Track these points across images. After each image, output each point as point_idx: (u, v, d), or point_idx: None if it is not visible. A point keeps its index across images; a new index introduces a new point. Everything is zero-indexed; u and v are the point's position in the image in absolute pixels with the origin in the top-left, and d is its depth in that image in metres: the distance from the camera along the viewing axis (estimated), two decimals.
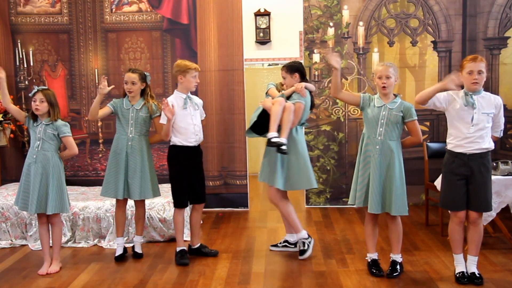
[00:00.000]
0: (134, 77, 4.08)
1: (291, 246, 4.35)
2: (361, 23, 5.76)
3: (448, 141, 3.60)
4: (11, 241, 4.68)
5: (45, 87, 3.93)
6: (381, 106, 3.65)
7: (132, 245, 4.36)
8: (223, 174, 5.88)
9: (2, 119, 5.31)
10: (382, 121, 3.64)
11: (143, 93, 4.16)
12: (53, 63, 5.81)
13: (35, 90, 3.85)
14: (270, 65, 7.94)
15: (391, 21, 5.78)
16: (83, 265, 4.11)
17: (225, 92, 5.78)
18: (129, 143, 4.10)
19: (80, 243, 4.62)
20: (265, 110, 4.09)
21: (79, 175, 5.84)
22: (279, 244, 4.41)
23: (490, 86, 5.52)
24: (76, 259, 4.27)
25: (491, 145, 3.52)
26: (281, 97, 4.06)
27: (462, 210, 3.54)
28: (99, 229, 4.65)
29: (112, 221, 4.60)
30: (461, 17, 5.72)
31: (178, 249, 4.14)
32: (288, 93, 4.12)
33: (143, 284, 3.70)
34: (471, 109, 3.47)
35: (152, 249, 4.47)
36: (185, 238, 4.67)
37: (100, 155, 5.86)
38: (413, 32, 5.77)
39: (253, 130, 4.20)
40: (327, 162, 5.90)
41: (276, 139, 3.89)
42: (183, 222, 4.18)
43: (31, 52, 5.74)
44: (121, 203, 4.21)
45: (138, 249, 4.28)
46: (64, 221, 4.58)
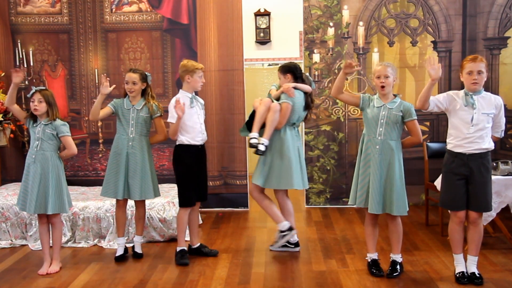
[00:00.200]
0: (135, 77, 4.08)
1: (291, 246, 4.35)
2: (361, 23, 5.76)
3: (448, 141, 3.60)
4: (11, 241, 4.68)
5: (43, 87, 3.93)
6: (381, 106, 3.66)
7: (132, 245, 4.36)
8: (223, 174, 5.89)
9: (2, 119, 5.32)
10: (382, 121, 3.64)
11: (144, 93, 4.16)
12: (53, 63, 5.81)
13: (33, 91, 3.85)
14: (270, 65, 7.93)
15: (391, 21, 5.78)
16: (83, 265, 4.11)
17: (225, 92, 5.78)
18: (130, 143, 4.10)
19: (80, 243, 4.62)
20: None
21: (79, 175, 5.84)
22: (276, 239, 4.40)
23: (490, 86, 5.52)
24: (76, 259, 4.27)
25: (491, 145, 3.52)
26: (268, 97, 4.17)
27: (462, 210, 3.54)
28: (99, 229, 4.65)
29: (112, 221, 4.60)
30: (461, 17, 5.72)
31: (179, 248, 4.13)
32: (277, 94, 4.20)
33: (143, 284, 3.70)
34: (471, 109, 3.47)
35: (152, 249, 4.47)
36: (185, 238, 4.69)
37: (100, 155, 5.86)
38: (413, 32, 5.77)
39: (248, 129, 4.28)
40: (327, 162, 5.90)
41: (254, 140, 4.06)
42: (187, 222, 4.18)
43: (31, 52, 5.74)
44: (121, 203, 4.21)
45: (138, 249, 4.28)
46: (64, 221, 4.58)
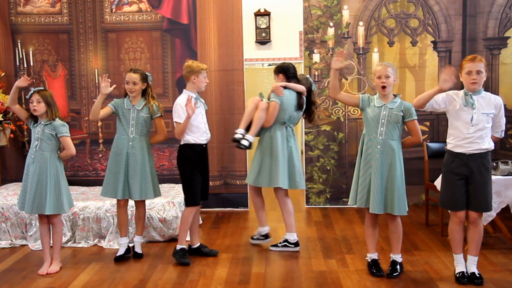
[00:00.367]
0: (135, 77, 4.08)
1: (291, 245, 4.35)
2: (361, 23, 5.76)
3: (448, 141, 3.60)
4: (11, 241, 4.68)
5: (41, 88, 3.93)
6: (381, 106, 3.65)
7: (132, 245, 4.35)
8: (223, 174, 5.89)
9: (2, 119, 5.32)
10: (383, 120, 3.63)
11: (144, 94, 4.16)
12: (53, 63, 5.81)
13: (31, 92, 3.85)
14: (270, 65, 7.94)
15: (391, 21, 5.78)
16: (83, 265, 4.11)
17: (225, 92, 5.78)
18: (130, 143, 4.10)
19: (80, 243, 4.62)
20: None
21: (79, 175, 5.84)
22: (279, 244, 4.41)
23: (490, 86, 5.52)
24: (76, 259, 4.27)
25: (490, 145, 3.51)
26: (259, 96, 4.32)
27: (462, 210, 3.54)
28: (99, 229, 4.65)
29: (112, 221, 4.60)
30: (461, 17, 5.72)
31: (179, 247, 4.11)
32: (269, 93, 4.34)
33: (143, 284, 3.70)
34: (470, 109, 3.47)
35: (152, 249, 4.47)
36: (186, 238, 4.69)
37: (100, 155, 5.86)
38: (413, 32, 5.77)
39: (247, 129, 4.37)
40: (327, 162, 5.89)
41: (238, 135, 4.21)
42: (191, 221, 4.18)
43: (31, 52, 5.74)
44: (122, 203, 4.20)
45: (138, 249, 4.28)
46: (64, 221, 4.58)
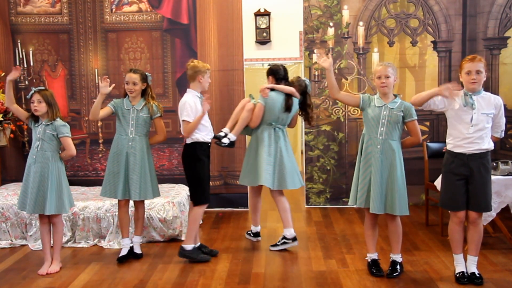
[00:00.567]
0: (135, 77, 4.08)
1: (289, 241, 4.36)
2: (361, 23, 5.76)
3: (447, 141, 3.60)
4: (11, 241, 4.68)
5: (42, 88, 3.93)
6: (382, 106, 3.65)
7: (131, 245, 4.35)
8: (223, 174, 5.88)
9: (2, 119, 5.32)
10: (383, 120, 3.63)
11: (144, 94, 4.16)
12: (53, 63, 5.81)
13: (32, 92, 3.85)
14: (270, 65, 7.92)
15: (391, 21, 5.78)
16: (83, 265, 4.11)
17: (225, 92, 5.78)
18: (130, 143, 4.10)
19: (80, 243, 4.62)
20: None
21: (79, 175, 5.84)
22: (278, 243, 4.40)
23: (490, 86, 5.52)
24: (76, 259, 4.27)
25: (490, 145, 3.51)
26: (249, 97, 4.48)
27: (462, 210, 3.54)
28: (99, 229, 4.65)
29: (112, 221, 4.60)
30: (461, 17, 5.72)
31: (190, 247, 4.10)
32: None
33: (143, 284, 3.70)
34: (470, 109, 3.47)
35: (152, 249, 4.47)
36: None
37: (100, 155, 5.86)
38: (413, 32, 5.77)
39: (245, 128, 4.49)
40: (327, 162, 5.89)
41: (221, 133, 4.33)
42: None
43: (31, 52, 5.74)
44: (122, 203, 4.19)
45: (137, 249, 4.27)
46: (64, 221, 4.57)
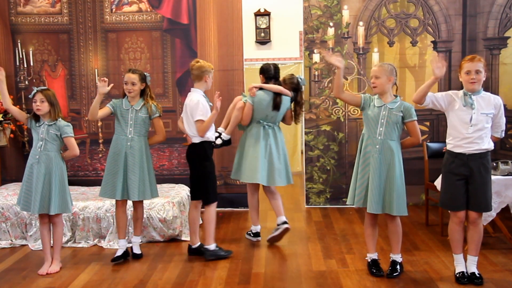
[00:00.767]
0: (134, 77, 4.07)
1: (281, 226, 4.49)
2: (361, 23, 5.76)
3: (447, 141, 3.59)
4: (11, 241, 4.68)
5: (45, 87, 3.93)
6: (381, 106, 3.65)
7: (130, 245, 4.34)
8: (223, 174, 5.88)
9: (2, 119, 5.32)
10: (383, 120, 3.63)
11: (142, 94, 4.16)
12: (53, 63, 5.81)
13: (35, 91, 3.85)
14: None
15: (391, 21, 5.78)
16: (83, 265, 4.11)
17: (225, 92, 5.77)
18: (128, 143, 4.09)
19: (80, 243, 4.62)
20: None
21: (79, 175, 5.84)
22: (273, 231, 4.52)
23: (490, 86, 5.51)
24: (76, 259, 4.27)
25: (490, 145, 3.51)
26: (241, 96, 4.54)
27: (461, 210, 3.54)
28: (99, 229, 4.65)
29: (112, 221, 4.60)
30: (461, 17, 5.72)
31: (212, 246, 4.16)
32: None
33: (143, 284, 3.70)
34: (470, 109, 3.46)
35: (152, 249, 4.47)
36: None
37: (100, 155, 5.86)
38: (413, 32, 5.77)
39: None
40: (327, 162, 5.89)
41: (216, 133, 4.37)
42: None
43: (31, 52, 5.74)
44: (120, 204, 4.19)
45: (137, 249, 4.27)
46: (64, 221, 4.56)
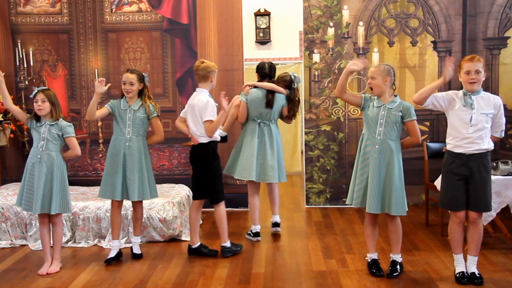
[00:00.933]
0: (132, 77, 4.07)
1: (275, 226, 4.75)
2: (361, 23, 5.76)
3: (447, 141, 3.59)
4: (11, 241, 4.68)
5: (45, 87, 3.94)
6: (380, 106, 3.65)
7: (130, 245, 4.34)
8: (222, 174, 5.87)
9: (2, 119, 5.31)
10: (382, 120, 3.63)
11: (140, 94, 4.15)
12: (53, 63, 5.81)
13: (36, 91, 3.85)
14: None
15: (391, 21, 5.78)
16: (83, 265, 4.11)
17: (225, 92, 5.76)
18: (127, 143, 4.08)
19: (80, 243, 4.62)
20: None
21: (79, 175, 5.84)
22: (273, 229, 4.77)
23: (490, 86, 5.51)
24: (76, 259, 4.27)
25: (490, 145, 3.51)
26: (240, 95, 4.63)
27: (461, 210, 3.54)
28: (99, 229, 4.65)
29: None
30: (461, 17, 5.72)
31: (228, 244, 4.22)
32: None
33: (143, 284, 3.70)
34: (469, 109, 3.47)
35: (152, 249, 4.47)
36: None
37: (100, 155, 5.86)
38: (413, 32, 5.77)
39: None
40: (327, 162, 5.89)
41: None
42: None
43: (31, 52, 5.74)
44: (117, 204, 4.17)
45: (137, 250, 4.26)
46: (64, 221, 4.56)
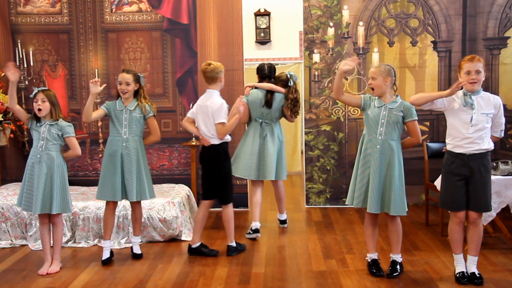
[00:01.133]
0: (128, 77, 4.06)
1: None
2: (361, 23, 5.76)
3: (447, 141, 3.59)
4: (11, 241, 4.68)
5: (45, 88, 3.94)
6: (381, 106, 3.65)
7: (130, 246, 4.35)
8: None
9: (2, 119, 5.32)
10: (383, 121, 3.63)
11: (136, 94, 4.14)
12: (53, 63, 5.81)
13: (36, 91, 3.85)
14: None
15: (391, 21, 5.78)
16: (83, 265, 4.11)
17: (225, 92, 5.73)
18: (124, 144, 4.07)
19: (80, 243, 4.62)
20: None
21: (79, 175, 5.84)
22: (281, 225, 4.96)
23: (490, 86, 5.51)
24: (76, 259, 4.27)
25: (490, 145, 3.51)
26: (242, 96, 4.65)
27: (462, 210, 3.54)
28: (99, 229, 4.64)
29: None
30: (461, 17, 5.72)
31: (234, 244, 4.26)
32: None
33: (143, 284, 3.70)
34: (470, 109, 3.47)
35: (152, 249, 4.47)
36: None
37: (100, 155, 5.85)
38: (413, 32, 5.77)
39: None
40: (327, 162, 5.89)
41: None
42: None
43: (31, 52, 5.74)
44: (111, 205, 4.16)
45: (137, 249, 4.26)
46: (64, 221, 4.56)
